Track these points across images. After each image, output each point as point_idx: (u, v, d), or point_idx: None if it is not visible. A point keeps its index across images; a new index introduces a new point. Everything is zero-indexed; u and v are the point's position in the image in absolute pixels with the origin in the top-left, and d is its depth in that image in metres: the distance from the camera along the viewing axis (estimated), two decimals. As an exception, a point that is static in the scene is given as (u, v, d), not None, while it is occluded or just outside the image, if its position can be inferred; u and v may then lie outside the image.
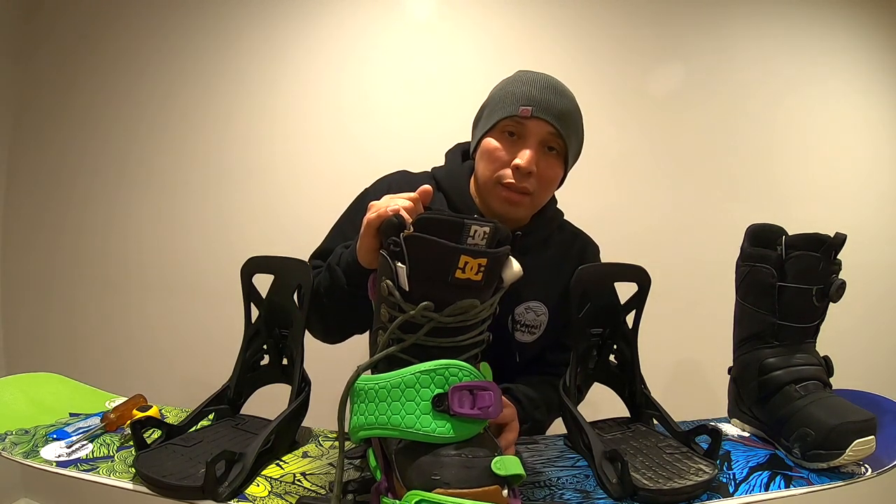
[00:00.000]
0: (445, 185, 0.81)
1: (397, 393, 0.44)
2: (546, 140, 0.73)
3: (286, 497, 0.53)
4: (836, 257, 0.66)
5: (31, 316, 1.63)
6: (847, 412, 0.60)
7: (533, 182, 0.73)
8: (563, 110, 0.73)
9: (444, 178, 0.82)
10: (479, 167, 0.77)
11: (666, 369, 1.45)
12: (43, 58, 1.61)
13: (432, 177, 0.83)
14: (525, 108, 0.71)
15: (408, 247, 0.45)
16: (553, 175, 0.76)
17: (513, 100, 0.73)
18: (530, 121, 0.72)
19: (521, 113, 0.71)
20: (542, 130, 0.72)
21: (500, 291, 0.49)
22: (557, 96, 0.73)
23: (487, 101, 0.79)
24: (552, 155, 0.75)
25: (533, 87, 0.73)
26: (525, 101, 0.72)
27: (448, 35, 1.49)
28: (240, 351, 0.69)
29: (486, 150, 0.75)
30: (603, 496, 0.55)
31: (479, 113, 0.81)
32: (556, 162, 0.76)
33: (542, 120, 0.71)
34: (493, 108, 0.76)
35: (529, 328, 0.81)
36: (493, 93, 0.79)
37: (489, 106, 0.78)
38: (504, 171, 0.73)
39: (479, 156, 0.77)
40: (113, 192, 1.57)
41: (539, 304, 0.81)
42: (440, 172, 0.83)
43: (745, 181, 1.48)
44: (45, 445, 0.59)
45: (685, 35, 1.49)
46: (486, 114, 0.78)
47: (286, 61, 1.51)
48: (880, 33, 1.52)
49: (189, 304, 1.52)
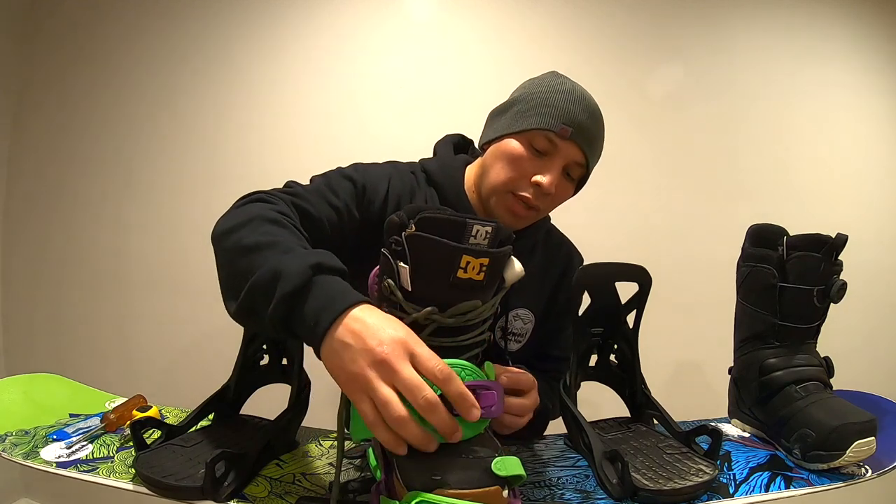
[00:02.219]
0: (438, 179, 0.76)
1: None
2: (570, 165, 0.71)
3: (286, 497, 0.53)
4: (837, 258, 0.66)
5: (31, 316, 1.63)
6: (847, 413, 0.59)
7: (546, 201, 0.71)
8: (596, 137, 0.71)
9: (436, 172, 0.77)
10: (493, 167, 0.72)
11: (666, 369, 1.45)
12: (41, 58, 1.61)
13: (422, 168, 0.78)
14: (565, 128, 0.68)
15: (409, 246, 0.45)
16: (564, 197, 0.75)
17: (554, 113, 0.68)
18: (565, 142, 0.69)
19: (560, 132, 0.68)
20: (571, 154, 0.70)
21: (501, 291, 0.49)
22: (594, 120, 0.70)
23: (520, 99, 0.73)
24: (569, 178, 0.73)
25: (576, 105, 0.69)
26: (567, 119, 0.68)
27: (445, 35, 1.49)
28: (239, 351, 0.68)
29: (508, 153, 0.70)
30: (603, 496, 0.55)
31: (505, 107, 0.75)
32: (571, 185, 0.74)
33: (576, 144, 0.69)
34: (529, 111, 0.70)
35: (517, 336, 0.80)
36: (529, 92, 0.72)
37: (522, 105, 0.72)
38: (521, 183, 0.70)
39: (496, 155, 0.72)
40: (113, 192, 1.57)
41: (526, 311, 0.80)
42: (432, 166, 0.78)
43: (746, 181, 1.48)
44: (45, 446, 0.59)
45: (686, 35, 1.49)
46: (516, 112, 0.72)
47: (281, 62, 1.51)
48: (881, 33, 1.52)
49: (189, 304, 1.52)
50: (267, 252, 0.48)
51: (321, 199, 0.66)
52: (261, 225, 0.52)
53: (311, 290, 0.44)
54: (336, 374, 0.43)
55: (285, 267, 0.45)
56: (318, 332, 0.43)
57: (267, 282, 0.45)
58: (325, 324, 0.43)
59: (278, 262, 0.46)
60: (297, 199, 0.63)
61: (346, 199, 0.68)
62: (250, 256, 0.49)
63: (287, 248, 0.49)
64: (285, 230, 0.53)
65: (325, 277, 0.46)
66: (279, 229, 0.53)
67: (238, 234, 0.51)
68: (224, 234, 0.53)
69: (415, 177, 0.76)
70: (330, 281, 0.46)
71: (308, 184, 0.69)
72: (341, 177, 0.70)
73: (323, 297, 0.44)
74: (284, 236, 0.51)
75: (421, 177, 0.77)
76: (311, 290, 0.45)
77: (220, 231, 0.54)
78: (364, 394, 0.40)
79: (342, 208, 0.67)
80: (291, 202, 0.62)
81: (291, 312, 0.45)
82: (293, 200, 0.62)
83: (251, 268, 0.47)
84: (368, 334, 0.41)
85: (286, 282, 0.44)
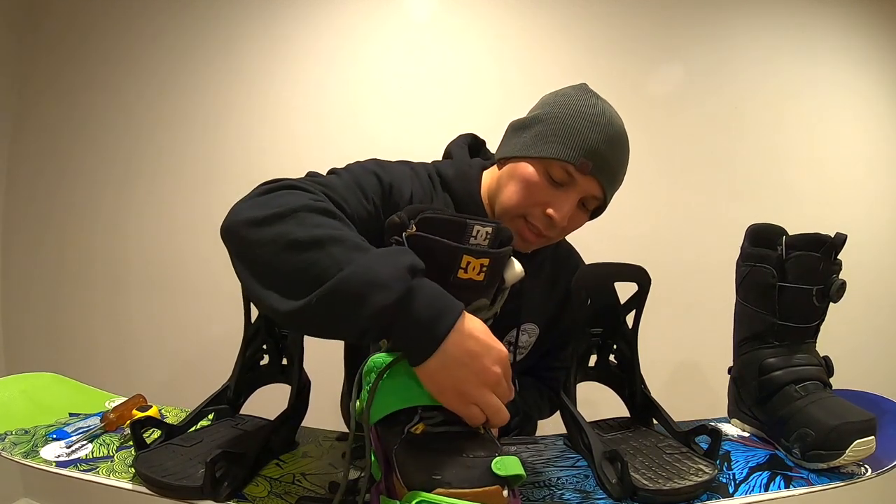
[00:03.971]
0: (454, 186, 0.73)
1: None
2: (587, 198, 0.68)
3: (286, 497, 0.53)
4: (836, 257, 0.66)
5: (31, 316, 1.63)
6: (847, 412, 0.60)
7: (557, 231, 0.69)
8: (618, 170, 0.68)
9: (452, 179, 0.73)
10: (507, 188, 0.69)
11: (666, 369, 1.45)
12: (40, 57, 1.61)
13: (437, 172, 0.74)
14: (586, 163, 0.64)
15: (411, 245, 0.45)
16: (577, 226, 0.72)
17: (576, 143, 0.64)
18: (584, 177, 0.65)
19: (579, 167, 0.64)
20: (590, 188, 0.67)
21: (502, 293, 0.49)
22: (618, 152, 0.67)
23: (542, 118, 0.68)
24: (584, 208, 0.71)
25: (600, 135, 0.64)
26: (588, 153, 0.64)
27: (445, 35, 1.49)
28: (239, 351, 0.68)
29: (524, 178, 0.67)
30: (603, 496, 0.55)
31: (527, 123, 0.70)
32: (586, 215, 0.72)
33: (595, 179, 0.66)
34: (549, 136, 0.66)
35: (520, 349, 0.81)
36: (552, 113, 0.67)
37: (543, 126, 0.67)
38: (534, 211, 0.67)
39: (512, 176, 0.69)
40: (113, 192, 1.57)
41: (533, 325, 0.80)
42: (448, 171, 0.74)
43: (746, 181, 1.48)
44: (45, 445, 0.59)
45: (686, 35, 1.49)
46: (536, 134, 0.67)
47: (281, 61, 1.51)
48: (881, 33, 1.52)
49: (189, 304, 1.52)
50: (333, 249, 0.43)
51: (354, 196, 0.60)
52: (309, 216, 0.47)
53: (416, 298, 0.41)
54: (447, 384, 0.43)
55: (379, 272, 0.41)
56: (433, 343, 0.41)
57: (359, 287, 0.40)
58: (440, 335, 0.41)
59: (366, 265, 0.41)
60: (332, 193, 0.56)
61: (376, 199, 0.63)
62: (310, 253, 0.43)
63: (356, 245, 0.44)
64: (341, 223, 0.49)
65: (421, 282, 0.42)
66: (334, 221, 0.48)
67: (281, 227, 0.45)
68: (254, 225, 0.46)
69: (431, 180, 0.73)
70: (427, 286, 0.43)
71: (332, 176, 0.63)
72: (368, 172, 0.65)
73: (429, 307, 0.42)
74: (345, 231, 0.47)
75: (437, 181, 0.73)
76: (416, 297, 0.41)
77: (247, 220, 0.47)
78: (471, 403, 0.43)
79: (371, 208, 0.62)
80: (327, 195, 0.55)
81: (394, 323, 0.41)
82: (327, 193, 0.55)
83: (318, 266, 0.42)
84: (483, 352, 0.43)
85: (386, 291, 0.40)
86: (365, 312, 0.40)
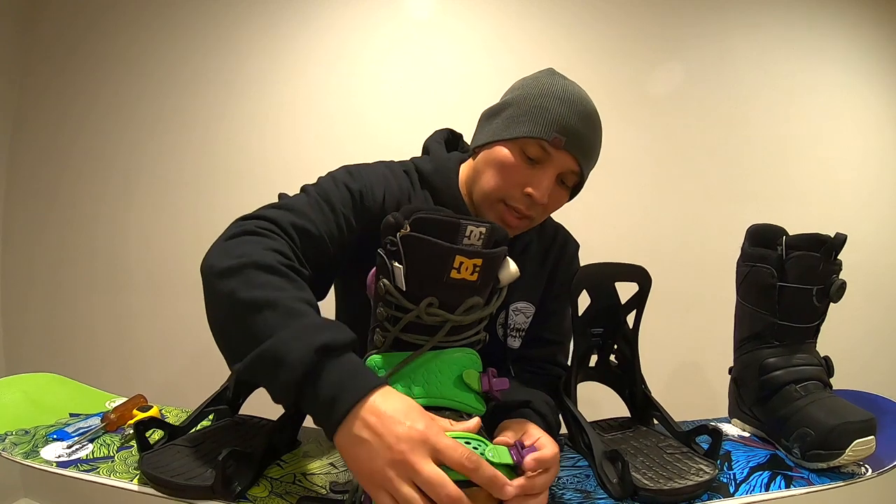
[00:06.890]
0: (433, 182, 0.73)
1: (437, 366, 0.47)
2: (564, 173, 0.68)
3: (286, 497, 0.53)
4: (836, 257, 0.66)
5: (31, 316, 1.63)
6: (847, 412, 0.60)
7: (539, 210, 0.69)
8: (592, 145, 0.68)
9: (431, 174, 0.74)
10: (484, 174, 0.69)
11: (666, 369, 1.45)
12: (40, 57, 1.61)
13: (416, 169, 0.75)
14: (559, 138, 0.64)
15: (404, 246, 0.45)
16: (558, 204, 0.72)
17: (546, 121, 0.65)
18: (558, 151, 0.65)
19: (553, 142, 0.64)
20: (565, 163, 0.67)
21: (497, 292, 0.49)
22: (591, 128, 0.67)
23: (512, 102, 0.69)
24: (563, 185, 0.70)
25: (571, 111, 0.65)
26: (560, 128, 0.64)
27: (445, 35, 1.49)
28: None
29: (499, 161, 0.67)
30: (603, 496, 0.55)
31: (497, 109, 0.71)
32: (566, 192, 0.72)
33: (570, 154, 0.66)
34: (520, 117, 0.67)
35: (519, 332, 0.80)
36: (521, 95, 0.68)
37: (514, 109, 0.68)
38: (513, 193, 0.67)
39: (487, 161, 0.69)
40: (114, 192, 1.57)
41: (527, 303, 0.80)
42: (426, 167, 0.74)
43: (746, 181, 1.48)
44: (46, 446, 0.59)
45: (686, 35, 1.49)
46: (508, 117, 0.68)
47: (282, 61, 1.51)
48: (881, 33, 1.52)
49: (189, 305, 1.51)
50: (267, 314, 0.45)
51: (320, 214, 0.62)
52: (256, 275, 0.48)
53: (320, 377, 0.42)
54: (353, 468, 0.42)
55: (288, 353, 0.42)
56: (332, 424, 0.41)
57: (269, 365, 0.43)
58: (338, 416, 0.41)
59: (279, 343, 0.43)
60: (296, 218, 0.59)
61: (345, 211, 0.64)
62: (248, 318, 0.45)
63: (287, 312, 0.45)
64: (283, 279, 0.50)
65: (332, 361, 0.43)
66: (277, 280, 0.49)
67: (231, 283, 0.48)
68: (215, 276, 0.49)
69: (409, 178, 0.74)
70: (338, 364, 0.43)
71: (301, 195, 0.65)
72: (336, 185, 0.66)
73: (332, 386, 0.42)
74: (284, 292, 0.48)
75: (415, 177, 0.74)
76: (320, 376, 0.42)
77: (210, 268, 0.50)
78: (384, 490, 0.39)
79: (342, 222, 0.64)
80: (291, 223, 0.58)
81: (300, 399, 0.43)
82: (292, 221, 0.58)
83: (251, 333, 0.45)
84: (386, 430, 0.39)
85: (290, 371, 0.42)
86: (276, 385, 0.43)
